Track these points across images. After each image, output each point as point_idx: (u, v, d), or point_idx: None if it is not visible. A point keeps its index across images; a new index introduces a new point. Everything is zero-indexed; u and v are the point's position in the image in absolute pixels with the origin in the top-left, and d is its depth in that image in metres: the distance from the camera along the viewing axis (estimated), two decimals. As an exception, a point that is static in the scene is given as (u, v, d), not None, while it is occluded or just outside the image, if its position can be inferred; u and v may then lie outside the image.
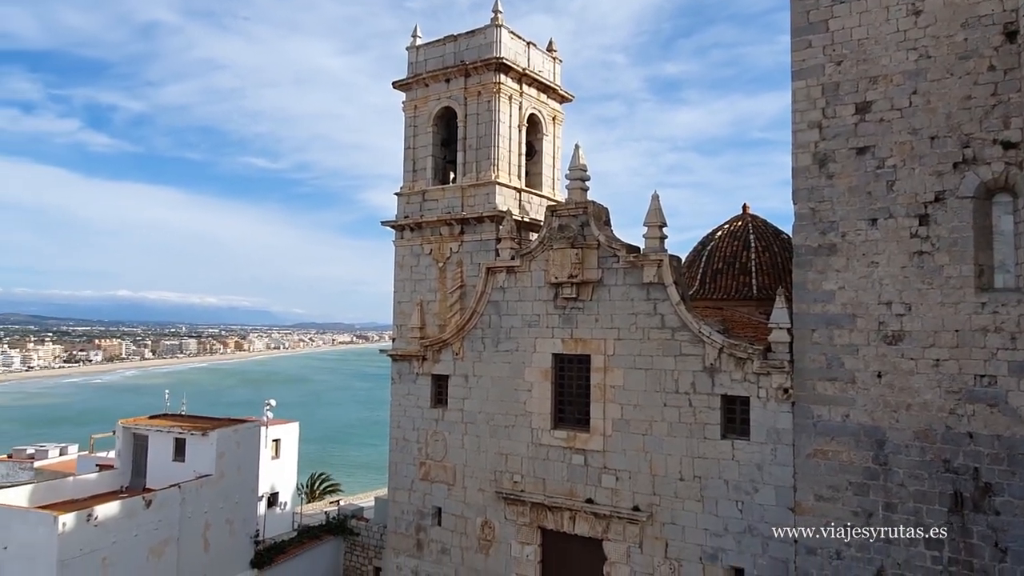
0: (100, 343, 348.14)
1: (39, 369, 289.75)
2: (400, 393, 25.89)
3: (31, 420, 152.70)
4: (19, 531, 19.56)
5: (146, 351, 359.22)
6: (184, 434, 24.88)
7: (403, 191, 27.10)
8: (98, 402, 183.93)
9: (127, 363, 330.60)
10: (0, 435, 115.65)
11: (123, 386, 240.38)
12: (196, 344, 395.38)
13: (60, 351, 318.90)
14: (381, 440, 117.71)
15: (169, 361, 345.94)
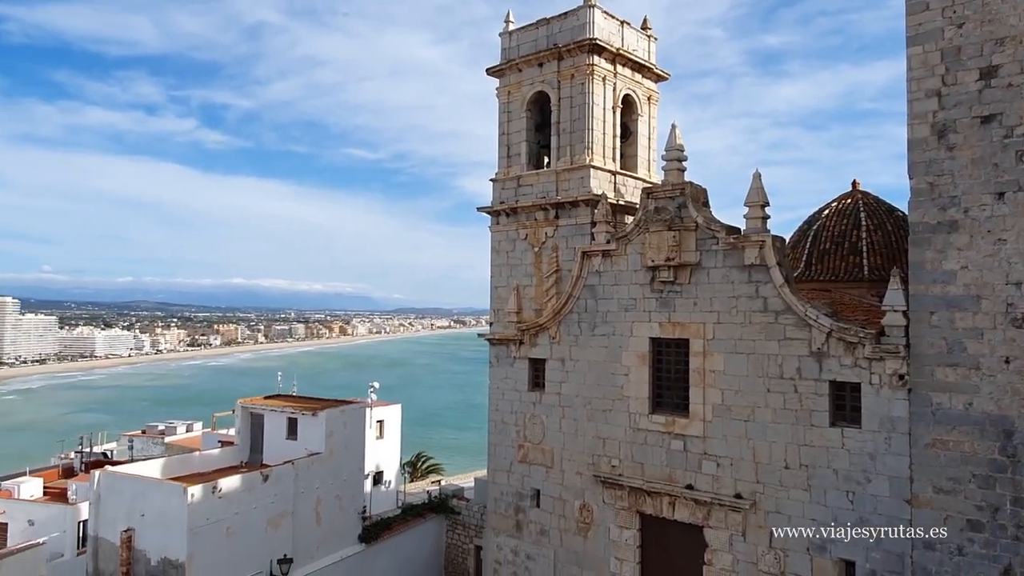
0: (218, 328, 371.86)
1: (166, 352, 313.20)
2: (498, 376, 26.31)
3: (160, 399, 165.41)
4: (155, 500, 21.32)
5: (259, 335, 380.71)
6: (296, 414, 26.29)
7: (498, 177, 27.37)
8: (217, 383, 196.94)
9: (242, 347, 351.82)
10: (135, 412, 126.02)
11: (239, 368, 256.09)
12: (304, 329, 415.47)
13: (184, 335, 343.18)
14: (477, 423, 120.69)
15: (280, 345, 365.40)
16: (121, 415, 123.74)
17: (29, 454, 56.77)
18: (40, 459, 42.94)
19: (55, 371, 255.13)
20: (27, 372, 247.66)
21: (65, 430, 78.52)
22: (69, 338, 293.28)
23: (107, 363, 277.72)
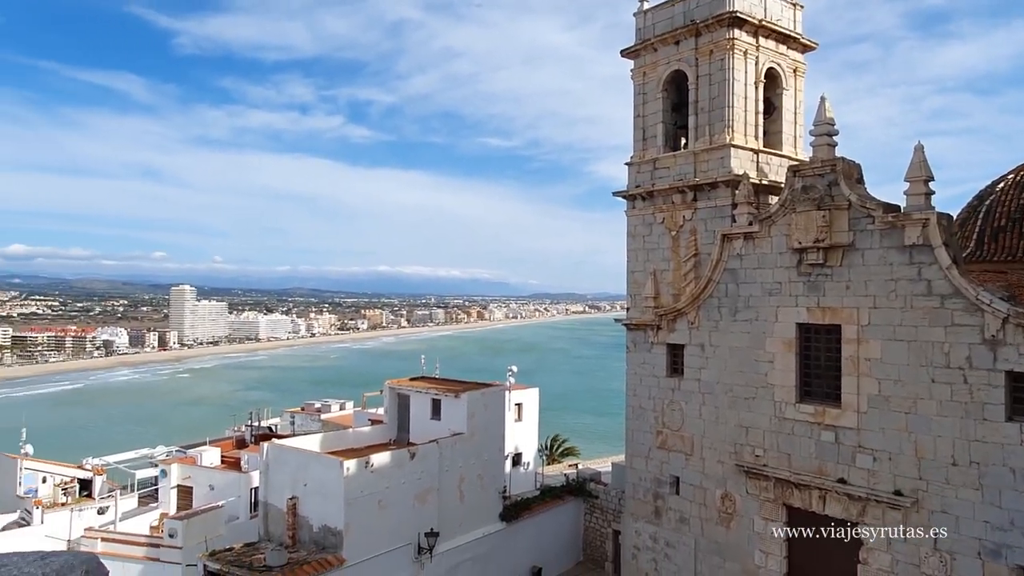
0: (365, 313, 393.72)
1: (320, 335, 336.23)
2: (635, 362, 26.10)
3: (315, 379, 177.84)
4: (315, 472, 23.10)
5: (402, 320, 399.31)
6: (439, 395, 27.45)
7: (633, 160, 27.01)
8: (365, 364, 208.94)
9: (387, 331, 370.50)
10: (293, 391, 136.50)
11: (383, 351, 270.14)
12: (443, 314, 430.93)
13: (334, 320, 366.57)
14: (611, 408, 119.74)
15: (421, 329, 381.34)
16: (282, 393, 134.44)
17: (206, 426, 63.10)
18: (216, 431, 47.67)
19: (225, 352, 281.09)
20: (202, 353, 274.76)
21: (235, 405, 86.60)
22: (237, 322, 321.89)
23: (269, 345, 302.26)
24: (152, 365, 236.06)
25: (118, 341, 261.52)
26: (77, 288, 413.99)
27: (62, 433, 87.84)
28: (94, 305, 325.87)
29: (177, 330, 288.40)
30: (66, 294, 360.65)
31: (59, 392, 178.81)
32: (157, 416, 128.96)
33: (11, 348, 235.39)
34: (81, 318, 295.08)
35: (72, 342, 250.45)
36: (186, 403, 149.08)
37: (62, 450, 50.95)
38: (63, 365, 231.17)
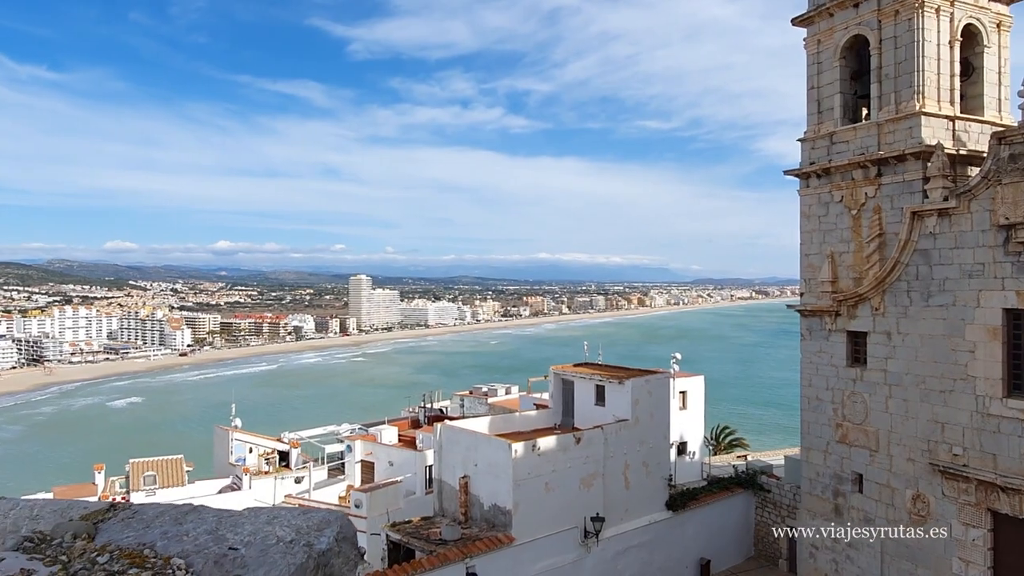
0: (527, 300, 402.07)
1: (484, 322, 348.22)
2: (811, 350, 24.64)
3: (480, 364, 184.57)
4: (485, 453, 24.12)
5: (563, 307, 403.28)
6: (603, 381, 27.54)
7: (807, 136, 25.37)
8: (527, 350, 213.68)
9: (548, 317, 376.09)
10: (461, 375, 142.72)
11: (545, 337, 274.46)
12: (604, 300, 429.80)
13: (498, 307, 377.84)
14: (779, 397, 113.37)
15: (582, 316, 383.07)
16: (450, 376, 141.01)
17: (383, 406, 67.74)
18: (392, 411, 51.04)
19: (398, 337, 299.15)
20: (378, 338, 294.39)
21: (409, 388, 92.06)
22: (408, 309, 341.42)
23: (437, 331, 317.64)
24: (334, 349, 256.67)
25: (306, 327, 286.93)
26: (271, 279, 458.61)
27: (262, 409, 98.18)
28: (285, 294, 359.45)
29: (356, 317, 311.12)
30: (262, 284, 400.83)
31: (258, 372, 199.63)
32: (340, 396, 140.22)
33: (220, 333, 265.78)
34: (275, 306, 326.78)
35: (268, 328, 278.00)
36: (365, 385, 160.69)
37: (263, 424, 56.97)
38: (261, 348, 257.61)
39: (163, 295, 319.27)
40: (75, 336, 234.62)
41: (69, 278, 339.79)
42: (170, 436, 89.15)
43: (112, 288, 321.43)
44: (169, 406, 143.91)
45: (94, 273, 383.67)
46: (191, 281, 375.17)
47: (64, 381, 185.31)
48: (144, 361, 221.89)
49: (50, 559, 1.63)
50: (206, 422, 67.39)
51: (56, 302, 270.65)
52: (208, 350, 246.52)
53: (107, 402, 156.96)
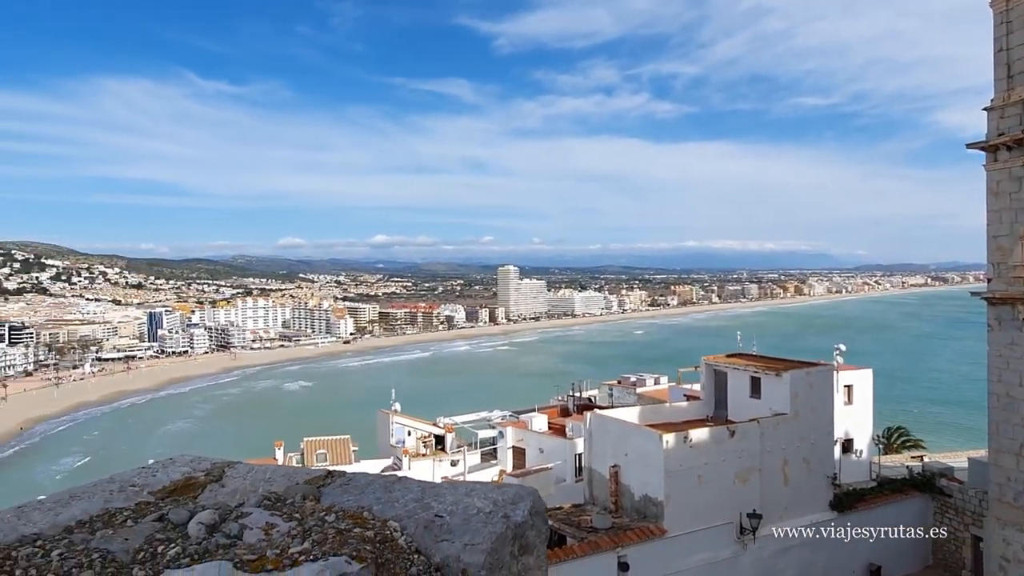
0: (675, 289, 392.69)
1: (631, 311, 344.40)
2: (1000, 343, 22.21)
3: (628, 353, 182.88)
4: (635, 443, 23.96)
5: (712, 296, 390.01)
6: (759, 373, 26.41)
7: (994, 104, 22.77)
8: (676, 340, 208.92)
9: (697, 307, 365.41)
10: (607, 364, 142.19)
11: (694, 327, 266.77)
12: (757, 289, 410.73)
13: (644, 296, 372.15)
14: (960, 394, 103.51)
15: (733, 305, 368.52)
16: (597, 366, 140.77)
17: (532, 394, 68.92)
18: (541, 399, 51.84)
19: (545, 327, 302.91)
20: (525, 327, 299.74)
21: (556, 376, 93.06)
22: (554, 299, 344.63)
23: (583, 320, 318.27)
24: (483, 338, 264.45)
25: (457, 316, 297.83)
26: (424, 271, 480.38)
27: (418, 394, 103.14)
28: (437, 285, 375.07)
29: (504, 307, 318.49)
30: (416, 276, 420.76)
31: (414, 359, 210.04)
32: (490, 383, 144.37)
33: (378, 322, 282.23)
34: (428, 296, 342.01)
35: (422, 317, 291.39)
36: (513, 373, 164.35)
37: (420, 409, 59.92)
38: (416, 337, 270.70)
39: (328, 287, 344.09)
40: (255, 324, 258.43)
41: (249, 272, 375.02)
42: (337, 417, 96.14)
43: (285, 281, 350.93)
44: (335, 390, 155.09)
45: (269, 267, 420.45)
46: (352, 273, 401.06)
47: (246, 365, 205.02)
48: (313, 348, 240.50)
49: (286, 516, 1.88)
50: (368, 405, 71.95)
51: (239, 294, 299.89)
52: (368, 338, 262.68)
53: (282, 385, 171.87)
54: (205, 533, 1.76)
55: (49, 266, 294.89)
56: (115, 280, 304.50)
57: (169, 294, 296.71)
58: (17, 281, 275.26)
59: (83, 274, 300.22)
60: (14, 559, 1.59)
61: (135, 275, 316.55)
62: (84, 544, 1.68)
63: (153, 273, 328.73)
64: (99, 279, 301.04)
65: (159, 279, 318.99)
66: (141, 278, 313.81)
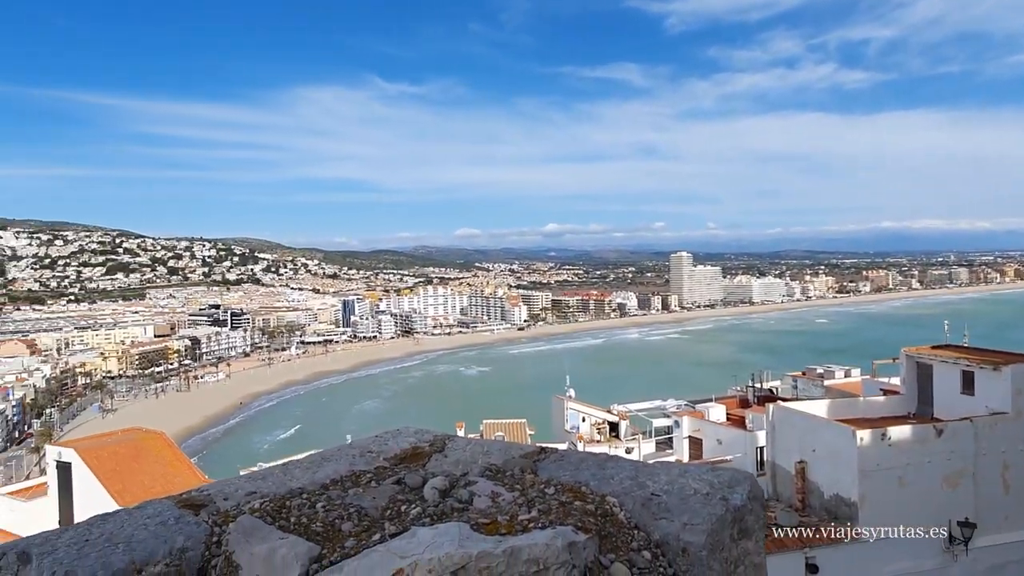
0: (867, 274, 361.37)
1: (816, 298, 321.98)
2: None
3: (812, 343, 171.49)
4: (824, 438, 22.46)
5: (912, 281, 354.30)
6: (972, 367, 23.66)
7: None
8: (869, 330, 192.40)
9: (894, 293, 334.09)
10: (789, 354, 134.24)
11: (890, 316, 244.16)
12: (967, 273, 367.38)
13: (831, 282, 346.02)
14: None
15: (937, 291, 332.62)
16: (777, 356, 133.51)
17: (707, 384, 66.84)
18: (717, 389, 50.11)
19: (720, 315, 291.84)
20: (699, 315, 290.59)
21: (733, 366, 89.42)
22: (730, 286, 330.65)
23: (762, 308, 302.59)
24: (656, 326, 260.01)
25: (629, 304, 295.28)
26: (596, 258, 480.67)
27: (591, 380, 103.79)
28: (609, 273, 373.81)
29: (677, 294, 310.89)
30: (588, 263, 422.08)
31: (586, 346, 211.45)
32: (663, 371, 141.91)
33: (551, 309, 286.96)
34: (599, 284, 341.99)
35: (594, 305, 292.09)
36: (687, 362, 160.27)
37: (593, 395, 60.30)
38: (588, 324, 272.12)
39: (502, 275, 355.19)
40: (435, 311, 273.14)
41: (429, 262, 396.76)
42: (513, 401, 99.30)
43: (462, 270, 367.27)
44: (511, 374, 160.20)
45: (448, 257, 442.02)
46: (525, 262, 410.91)
47: (428, 350, 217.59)
48: (489, 334, 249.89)
49: (508, 486, 2.00)
50: (543, 391, 73.58)
51: (421, 283, 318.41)
52: (541, 325, 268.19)
53: (461, 369, 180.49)
54: (439, 497, 1.92)
55: (261, 259, 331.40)
56: (314, 271, 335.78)
57: (360, 283, 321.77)
58: (236, 273, 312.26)
59: (288, 266, 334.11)
60: (288, 508, 1.85)
61: (331, 266, 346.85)
62: (340, 499, 1.91)
63: (346, 264, 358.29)
64: (301, 270, 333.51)
65: (351, 269, 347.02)
66: (336, 269, 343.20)
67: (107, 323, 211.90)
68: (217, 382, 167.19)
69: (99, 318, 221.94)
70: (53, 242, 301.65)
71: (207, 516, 1.77)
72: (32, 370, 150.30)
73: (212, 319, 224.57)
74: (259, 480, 2.03)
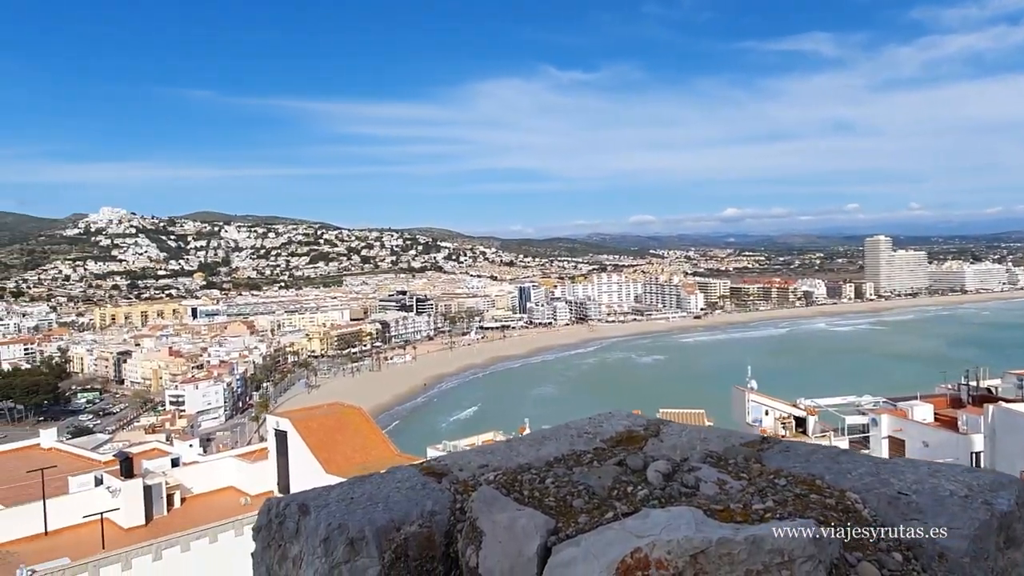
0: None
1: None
2: None
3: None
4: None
5: None
6: None
7: None
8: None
9: None
10: (1012, 352, 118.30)
11: None
12: None
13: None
14: None
15: None
16: (994, 352, 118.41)
17: (909, 380, 60.79)
18: (923, 387, 45.40)
19: (924, 304, 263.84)
20: (899, 305, 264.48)
21: (940, 362, 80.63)
22: (937, 272, 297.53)
23: (977, 298, 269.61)
24: (848, 316, 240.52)
25: (816, 292, 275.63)
26: (779, 243, 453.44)
27: (774, 372, 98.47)
28: (793, 259, 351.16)
29: (872, 281, 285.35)
30: (770, 249, 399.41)
31: (767, 336, 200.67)
32: (856, 365, 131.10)
33: (729, 297, 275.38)
34: (783, 271, 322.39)
35: (776, 293, 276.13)
36: (885, 355, 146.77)
37: (775, 387, 57.18)
38: (769, 313, 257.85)
39: (678, 262, 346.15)
40: (608, 299, 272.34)
41: (603, 249, 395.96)
42: (689, 391, 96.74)
43: (636, 257, 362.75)
44: (687, 364, 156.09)
45: (621, 244, 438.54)
46: (702, 248, 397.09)
47: (602, 337, 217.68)
48: (664, 322, 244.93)
49: (734, 474, 1.96)
50: (721, 381, 70.97)
51: (594, 270, 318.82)
52: (719, 313, 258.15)
53: (635, 357, 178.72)
54: (663, 481, 1.93)
55: (443, 247, 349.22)
56: (492, 259, 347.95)
57: (535, 271, 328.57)
58: (420, 261, 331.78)
59: (467, 254, 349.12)
60: (520, 482, 1.95)
61: (507, 254, 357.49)
62: (567, 476, 1.98)
63: (522, 252, 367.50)
64: (479, 258, 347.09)
65: (527, 257, 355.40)
66: (512, 256, 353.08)
67: (311, 307, 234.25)
68: (404, 364, 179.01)
69: (304, 303, 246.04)
70: (267, 235, 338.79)
71: (448, 484, 1.92)
72: (252, 348, 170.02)
73: (399, 304, 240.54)
74: (488, 454, 2.16)
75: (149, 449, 28.54)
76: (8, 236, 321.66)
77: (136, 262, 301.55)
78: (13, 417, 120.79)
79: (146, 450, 27.84)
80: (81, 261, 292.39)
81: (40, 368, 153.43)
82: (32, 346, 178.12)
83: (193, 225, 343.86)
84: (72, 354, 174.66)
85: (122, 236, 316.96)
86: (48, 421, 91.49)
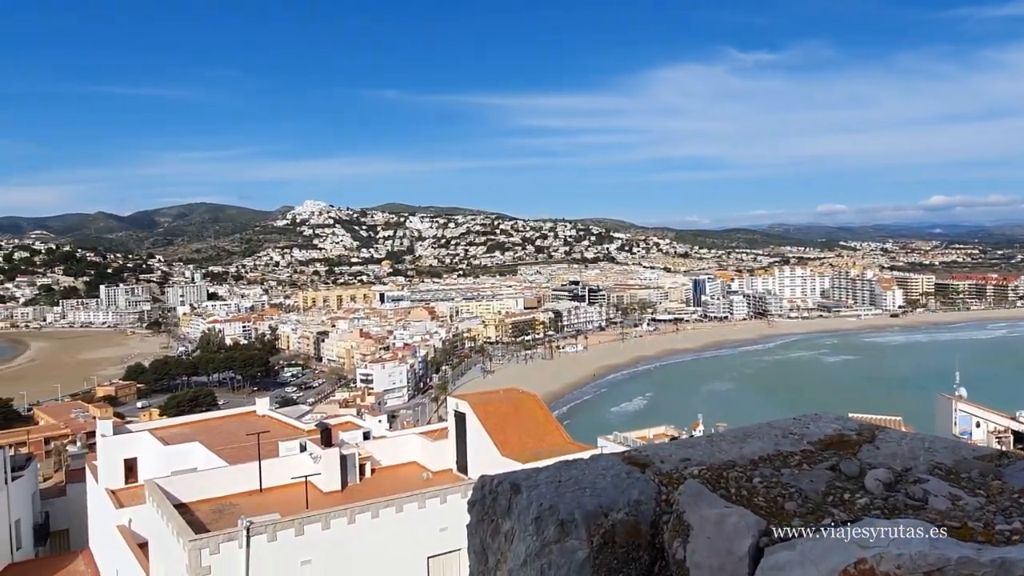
0: None
1: None
2: None
3: None
4: None
5: None
6: None
7: None
8: None
9: None
10: None
11: None
12: None
13: None
14: None
15: None
16: None
17: None
18: None
19: None
20: None
21: None
22: None
23: None
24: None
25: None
26: (996, 235, 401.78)
27: (989, 380, 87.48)
28: (1015, 252, 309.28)
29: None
30: (985, 241, 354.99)
31: (979, 339, 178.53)
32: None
33: (934, 294, 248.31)
34: (1001, 266, 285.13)
35: (992, 290, 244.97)
36: None
37: (991, 398, 50.86)
38: (983, 313, 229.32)
39: (872, 255, 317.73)
40: (791, 293, 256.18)
41: (786, 240, 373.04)
42: (882, 395, 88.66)
43: (823, 249, 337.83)
44: (880, 366, 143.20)
45: (807, 235, 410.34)
46: (901, 240, 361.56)
47: (783, 333, 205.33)
48: (854, 320, 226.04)
49: (968, 490, 1.80)
50: (921, 387, 64.39)
51: (776, 262, 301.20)
52: (921, 312, 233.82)
53: (820, 356, 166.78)
54: (884, 490, 1.81)
55: (616, 238, 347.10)
56: (665, 250, 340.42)
57: (711, 262, 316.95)
58: (593, 252, 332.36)
59: (641, 245, 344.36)
60: (726, 479, 1.92)
61: (682, 245, 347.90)
62: (775, 477, 1.92)
63: (697, 243, 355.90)
64: (653, 249, 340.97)
65: (702, 248, 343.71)
66: (687, 248, 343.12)
67: (487, 295, 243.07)
68: (575, 353, 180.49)
69: (481, 291, 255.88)
70: (447, 225, 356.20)
71: (652, 475, 1.94)
72: (432, 333, 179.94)
73: (572, 294, 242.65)
74: (689, 448, 2.15)
75: (344, 422, 31.25)
76: (231, 226, 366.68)
77: (333, 250, 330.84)
78: (234, 386, 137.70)
79: (341, 423, 30.51)
80: (288, 249, 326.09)
81: (255, 344, 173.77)
82: (248, 324, 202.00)
83: (382, 216, 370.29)
84: (280, 332, 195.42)
85: (321, 226, 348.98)
86: (260, 391, 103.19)
